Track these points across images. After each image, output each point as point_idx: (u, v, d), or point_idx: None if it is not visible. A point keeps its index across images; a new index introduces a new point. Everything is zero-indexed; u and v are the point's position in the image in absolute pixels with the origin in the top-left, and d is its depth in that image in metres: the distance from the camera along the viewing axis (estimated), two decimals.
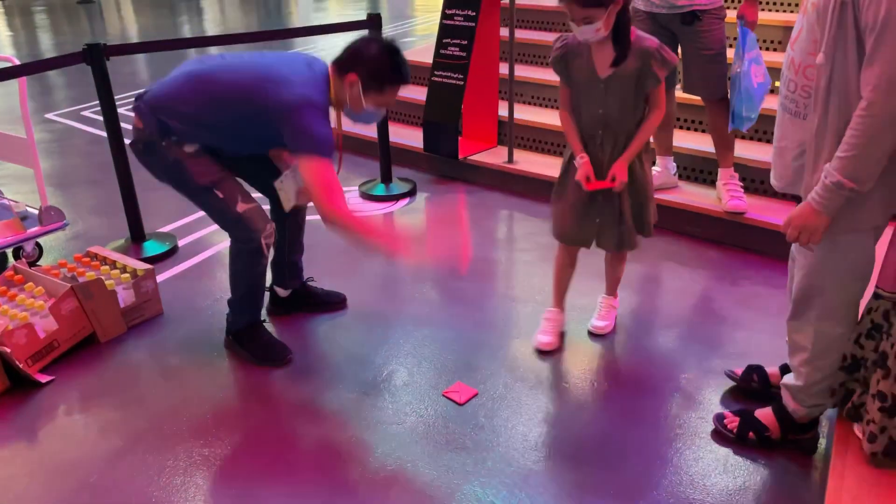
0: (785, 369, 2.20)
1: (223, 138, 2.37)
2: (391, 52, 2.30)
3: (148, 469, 2.10)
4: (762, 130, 3.61)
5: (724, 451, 2.08)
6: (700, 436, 2.15)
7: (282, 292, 2.87)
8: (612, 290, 2.71)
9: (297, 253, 2.83)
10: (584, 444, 2.14)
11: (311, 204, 2.48)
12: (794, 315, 1.92)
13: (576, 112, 2.34)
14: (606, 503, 1.92)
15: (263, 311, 2.71)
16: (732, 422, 2.11)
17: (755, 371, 2.29)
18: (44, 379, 2.49)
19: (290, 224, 2.73)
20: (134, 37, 10.50)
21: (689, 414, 2.24)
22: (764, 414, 2.07)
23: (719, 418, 2.15)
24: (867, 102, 1.52)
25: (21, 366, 2.42)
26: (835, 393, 1.91)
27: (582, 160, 2.32)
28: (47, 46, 9.69)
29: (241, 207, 2.38)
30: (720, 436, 2.12)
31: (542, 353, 2.56)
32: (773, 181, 1.89)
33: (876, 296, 1.78)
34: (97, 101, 3.25)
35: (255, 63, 2.31)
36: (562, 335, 2.64)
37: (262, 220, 2.42)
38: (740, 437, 2.08)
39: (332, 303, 2.92)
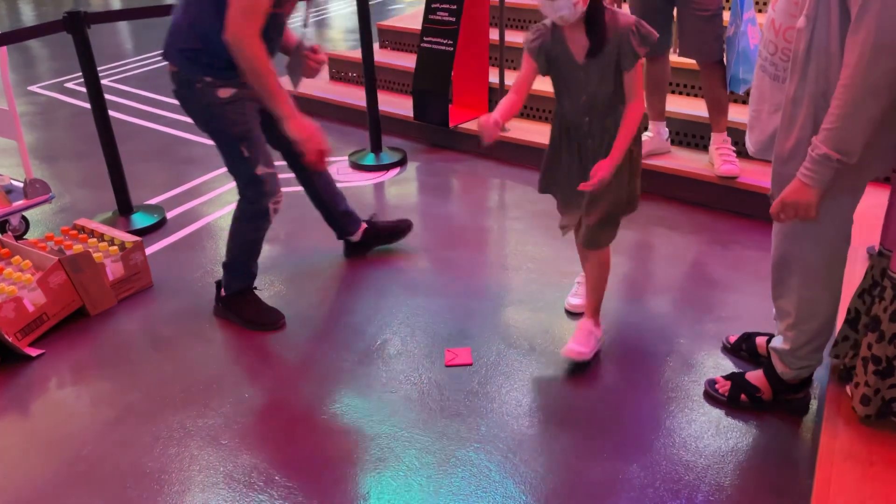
0: (771, 340, 2.21)
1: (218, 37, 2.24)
2: None
3: (141, 440, 2.09)
4: None
5: (717, 413, 2.09)
6: (693, 398, 2.16)
7: (354, 238, 2.99)
8: (590, 311, 2.36)
9: (342, 202, 2.90)
10: (578, 409, 2.14)
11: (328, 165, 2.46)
12: (777, 282, 1.90)
13: (558, 100, 2.18)
14: (600, 466, 1.93)
15: (257, 280, 2.69)
16: (724, 385, 2.12)
17: (744, 342, 2.30)
18: (34, 352, 2.47)
19: (318, 181, 2.80)
20: (118, 6, 10.30)
21: (682, 377, 2.25)
22: (755, 376, 2.08)
23: (710, 383, 2.16)
24: (851, 70, 1.47)
25: (10, 339, 2.41)
26: (821, 350, 1.92)
27: (491, 118, 2.07)
28: (28, 18, 9.50)
29: (260, 170, 2.38)
30: (712, 399, 2.13)
31: (572, 314, 2.58)
32: (748, 145, 1.87)
33: (880, 253, 1.78)
34: (81, 73, 3.19)
35: None
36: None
37: (275, 186, 2.43)
38: (732, 400, 2.09)
39: (401, 230, 3.07)
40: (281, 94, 2.27)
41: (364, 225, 3.00)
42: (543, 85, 2.24)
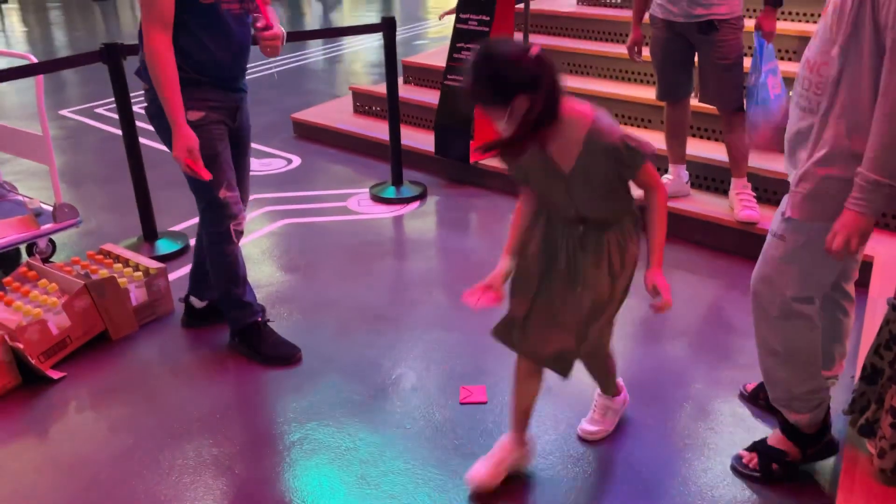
0: None
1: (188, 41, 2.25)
2: None
3: (158, 467, 2.11)
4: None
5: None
6: (709, 446, 2.14)
7: (197, 303, 2.78)
8: (604, 387, 2.20)
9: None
10: (593, 452, 2.14)
11: None
12: (759, 314, 1.93)
13: (549, 215, 1.88)
14: None
15: (271, 313, 2.72)
16: (751, 460, 2.03)
17: (762, 390, 2.26)
18: (55, 375, 2.50)
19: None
20: None
21: (698, 424, 2.24)
22: (776, 439, 2.02)
23: (737, 460, 2.06)
24: (892, 100, 1.52)
25: (33, 362, 2.44)
26: (821, 389, 1.92)
27: (499, 266, 1.90)
28: (62, 43, 9.75)
29: (223, 193, 2.40)
30: (746, 478, 2.01)
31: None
32: (788, 176, 1.87)
33: (893, 307, 1.77)
34: (111, 98, 3.28)
35: None
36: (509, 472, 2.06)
37: (236, 209, 2.44)
38: (766, 474, 2.00)
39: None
40: (174, 99, 2.21)
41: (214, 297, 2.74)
42: None
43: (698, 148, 3.71)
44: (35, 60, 3.15)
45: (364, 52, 8.34)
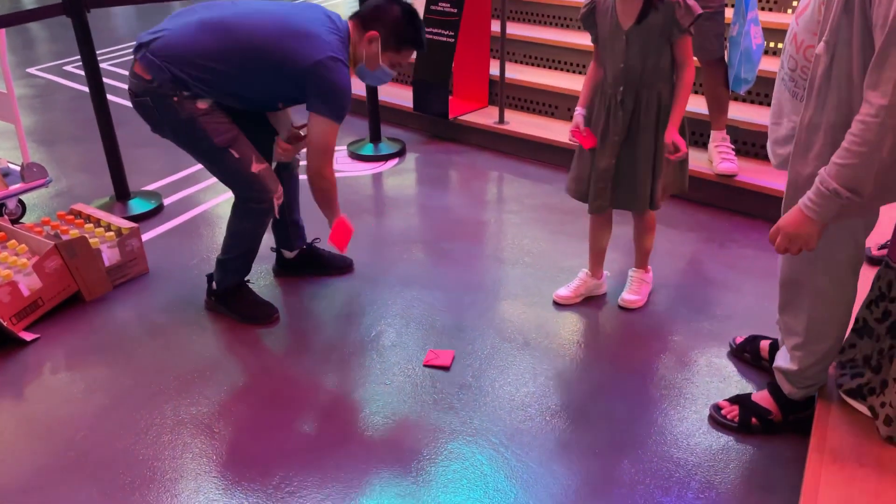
0: (774, 347, 2.18)
1: (241, 89, 2.29)
2: (412, 15, 2.38)
3: (135, 427, 2.10)
4: (755, 92, 3.58)
5: (707, 413, 2.10)
6: (685, 396, 2.17)
7: (288, 254, 2.83)
8: (640, 263, 2.63)
9: (297, 212, 2.79)
10: (570, 404, 2.15)
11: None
12: (785, 300, 1.86)
13: (603, 69, 2.33)
14: (591, 462, 1.94)
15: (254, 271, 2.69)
16: (731, 411, 2.03)
17: (749, 343, 2.28)
18: (29, 337, 2.47)
19: (285, 183, 2.65)
20: None
21: (675, 374, 2.26)
22: (762, 397, 2.02)
23: (716, 409, 2.07)
24: (873, 109, 1.38)
25: (5, 324, 2.40)
26: (828, 369, 1.89)
27: (577, 112, 2.38)
28: (29, 0, 9.44)
29: (255, 168, 2.35)
30: (722, 426, 2.04)
31: (557, 305, 2.61)
32: (770, 158, 1.82)
33: (886, 265, 1.76)
34: (80, 56, 3.17)
35: (275, 13, 2.27)
36: (587, 300, 2.64)
37: (273, 181, 2.39)
38: (744, 426, 2.00)
39: (339, 266, 2.88)
40: (335, 206, 2.45)
41: (304, 247, 2.85)
42: (544, 78, 2.23)
43: None
44: None
45: (342, 4, 8.15)
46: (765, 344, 2.25)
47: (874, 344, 1.80)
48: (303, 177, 2.53)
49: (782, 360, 1.94)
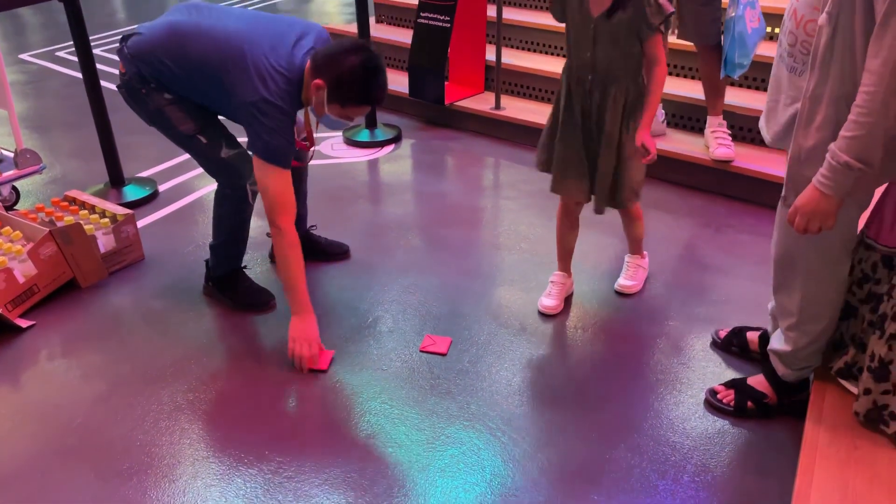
0: (764, 338, 2.18)
1: (194, 95, 2.31)
2: (368, 71, 2.12)
3: (132, 413, 2.10)
4: (752, 77, 3.57)
5: (703, 397, 2.11)
6: (681, 381, 2.17)
7: None
8: (634, 250, 2.63)
9: (304, 201, 2.78)
10: (567, 389, 2.16)
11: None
12: (779, 280, 1.86)
13: (568, 55, 2.25)
14: (588, 446, 1.95)
15: (247, 258, 2.68)
16: (727, 395, 2.04)
17: (735, 337, 2.27)
18: (24, 324, 2.46)
19: (295, 172, 2.61)
20: None
21: (671, 359, 2.27)
22: (757, 381, 2.02)
23: (712, 393, 2.07)
24: (875, 77, 1.38)
25: (1, 311, 2.40)
26: (822, 353, 1.89)
27: None
28: None
29: (224, 153, 2.35)
30: (717, 410, 2.04)
31: (546, 316, 2.49)
32: (764, 135, 1.81)
33: (866, 245, 1.76)
34: (72, 42, 3.15)
35: (238, 32, 2.17)
36: (568, 299, 2.57)
37: (246, 166, 2.36)
38: (739, 410, 2.01)
39: (335, 253, 2.87)
40: (300, 290, 2.25)
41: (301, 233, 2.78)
42: (541, 64, 2.22)
43: (674, 86, 3.67)
44: None
45: (335, 14, 8.08)
46: (753, 336, 2.23)
47: (859, 324, 1.81)
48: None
49: (776, 341, 1.95)
